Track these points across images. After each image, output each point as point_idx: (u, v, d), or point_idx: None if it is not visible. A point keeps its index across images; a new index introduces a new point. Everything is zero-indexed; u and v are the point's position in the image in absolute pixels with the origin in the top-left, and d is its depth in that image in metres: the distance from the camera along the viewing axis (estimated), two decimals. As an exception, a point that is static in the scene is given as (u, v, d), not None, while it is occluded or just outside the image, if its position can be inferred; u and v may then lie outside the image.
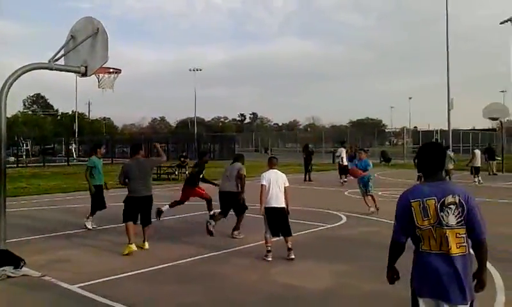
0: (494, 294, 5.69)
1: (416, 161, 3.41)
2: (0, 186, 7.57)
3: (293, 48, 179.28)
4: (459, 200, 3.10)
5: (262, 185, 7.61)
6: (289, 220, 7.70)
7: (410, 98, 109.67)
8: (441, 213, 3.10)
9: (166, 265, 7.28)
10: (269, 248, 7.52)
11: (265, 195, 7.52)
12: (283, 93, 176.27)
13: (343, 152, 21.68)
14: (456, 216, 3.09)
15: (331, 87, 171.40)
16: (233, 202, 9.07)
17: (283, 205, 7.63)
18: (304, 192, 18.36)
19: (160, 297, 5.89)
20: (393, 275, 3.42)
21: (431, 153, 3.29)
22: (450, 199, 3.11)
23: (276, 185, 7.62)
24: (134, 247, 7.96)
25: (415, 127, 77.11)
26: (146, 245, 8.24)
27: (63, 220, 11.51)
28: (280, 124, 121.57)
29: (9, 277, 6.53)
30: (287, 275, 6.68)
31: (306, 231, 9.86)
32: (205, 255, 7.83)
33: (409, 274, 3.29)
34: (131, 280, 6.57)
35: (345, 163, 20.96)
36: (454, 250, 3.08)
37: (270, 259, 7.43)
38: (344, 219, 11.35)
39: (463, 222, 3.09)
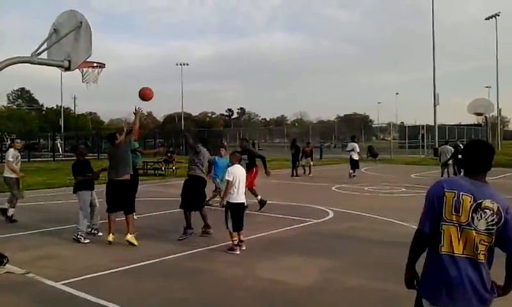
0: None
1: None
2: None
3: (280, 43, 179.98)
4: (498, 208, 2.84)
5: (228, 180, 7.68)
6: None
7: (397, 93, 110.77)
8: (474, 215, 2.84)
9: (152, 261, 7.25)
10: (236, 241, 7.65)
11: (232, 190, 7.67)
12: (270, 88, 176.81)
13: (356, 147, 22.05)
14: (488, 223, 2.83)
15: (319, 82, 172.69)
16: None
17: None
18: (291, 188, 18.42)
19: (146, 293, 5.85)
20: (412, 278, 3.07)
21: (481, 152, 3.01)
22: (487, 203, 2.85)
23: (242, 180, 7.78)
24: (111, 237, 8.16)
25: (402, 122, 77.86)
26: (129, 237, 8.06)
27: (47, 217, 11.38)
28: (268, 119, 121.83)
29: (-9, 274, 6.44)
30: (272, 271, 6.68)
31: (292, 227, 9.89)
32: (191, 251, 7.80)
33: (393, 269, 3.29)
34: (116, 276, 6.53)
35: (356, 157, 21.60)
36: (480, 256, 2.83)
37: (238, 252, 7.54)
38: (331, 214, 11.39)
39: (493, 231, 2.83)
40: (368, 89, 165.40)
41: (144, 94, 9.03)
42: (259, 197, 11.90)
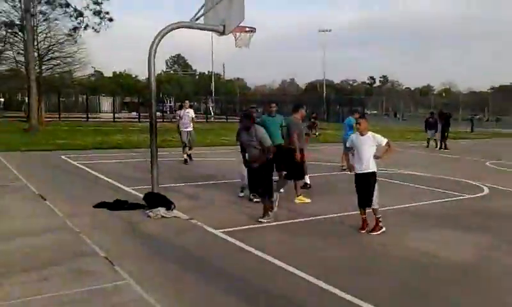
0: None
1: None
2: (153, 137, 8.46)
3: (426, 6, 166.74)
4: None
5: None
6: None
7: None
8: None
9: (305, 219, 7.60)
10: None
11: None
12: (415, 55, 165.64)
13: None
14: None
15: (470, 48, 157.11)
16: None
17: None
18: (439, 160, 17.48)
19: (299, 249, 6.14)
20: None
21: None
22: None
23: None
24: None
25: None
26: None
27: (205, 172, 12.48)
28: (412, 88, 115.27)
29: (162, 217, 7.35)
30: (421, 243, 6.47)
31: (442, 200, 9.47)
32: (343, 213, 7.90)
33: None
34: (270, 230, 6.96)
35: None
36: None
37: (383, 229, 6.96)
38: (485, 190, 10.61)
39: None
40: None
41: None
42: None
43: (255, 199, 8.54)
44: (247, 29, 10.78)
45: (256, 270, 5.27)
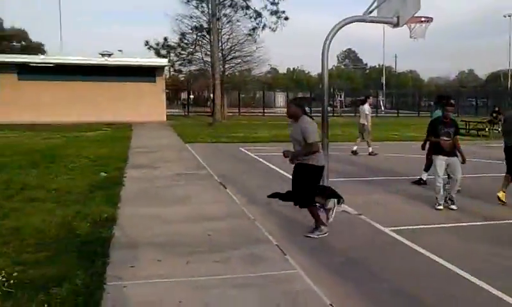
0: None
1: None
2: (324, 131, 8.66)
3: None
4: None
5: None
6: None
7: None
8: None
9: (481, 222, 7.06)
10: None
11: None
12: None
13: None
14: None
15: None
16: None
17: None
18: None
19: (474, 253, 5.75)
20: None
21: None
22: None
23: None
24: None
25: None
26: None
27: (376, 167, 12.28)
28: None
29: (331, 210, 7.52)
30: None
31: None
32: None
33: None
34: (443, 231, 6.65)
35: None
36: None
37: None
38: None
39: None
40: None
41: None
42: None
43: (438, 207, 7.87)
44: (423, 19, 10.29)
45: (425, 272, 5.11)
